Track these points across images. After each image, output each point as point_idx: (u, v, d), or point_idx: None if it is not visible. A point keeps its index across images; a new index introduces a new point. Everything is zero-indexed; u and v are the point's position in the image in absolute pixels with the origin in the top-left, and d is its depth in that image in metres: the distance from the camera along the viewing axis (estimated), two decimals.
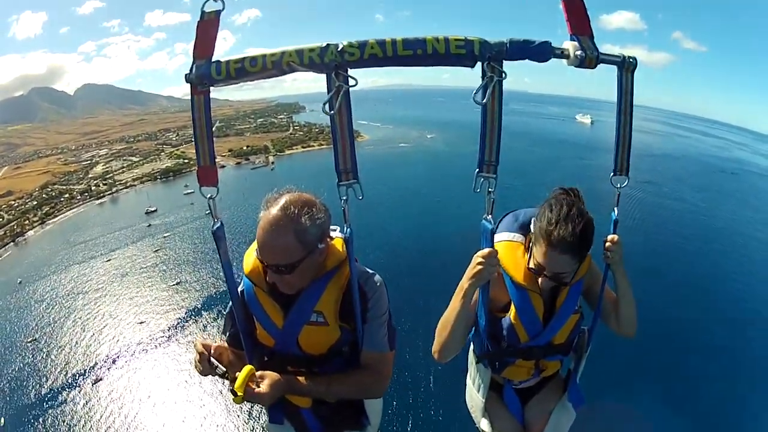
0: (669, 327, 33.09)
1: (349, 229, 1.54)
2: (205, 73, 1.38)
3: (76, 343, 38.90)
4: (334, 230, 1.74)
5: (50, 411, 30.73)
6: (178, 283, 46.94)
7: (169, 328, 39.76)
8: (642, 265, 37.64)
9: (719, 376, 29.24)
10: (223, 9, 1.39)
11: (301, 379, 1.62)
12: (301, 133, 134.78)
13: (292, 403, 1.85)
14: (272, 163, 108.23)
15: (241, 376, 1.43)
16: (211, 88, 1.45)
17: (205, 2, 1.37)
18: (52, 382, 33.76)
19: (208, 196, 1.52)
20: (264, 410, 1.97)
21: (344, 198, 1.45)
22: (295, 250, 1.44)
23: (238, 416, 27.36)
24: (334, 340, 1.65)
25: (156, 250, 57.57)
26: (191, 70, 1.41)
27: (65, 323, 42.31)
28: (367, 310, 1.65)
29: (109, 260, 56.45)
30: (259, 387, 1.48)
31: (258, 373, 1.50)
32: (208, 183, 1.53)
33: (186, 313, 41.43)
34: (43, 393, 32.61)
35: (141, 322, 41.27)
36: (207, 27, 1.41)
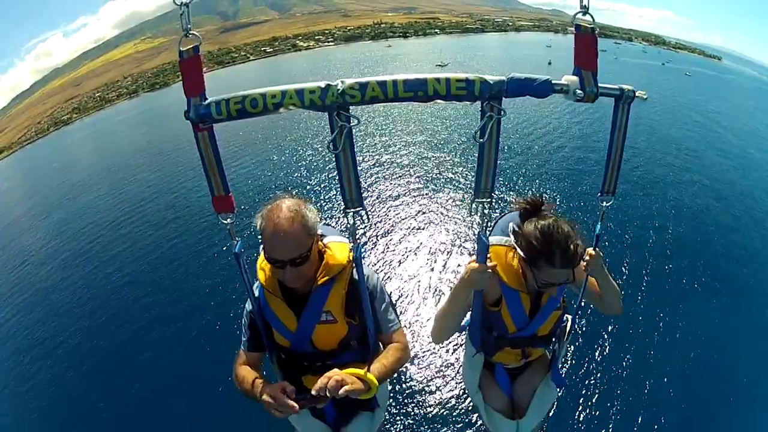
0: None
1: (357, 248, 1.56)
2: (206, 114, 1.25)
3: None
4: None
5: None
6: None
7: None
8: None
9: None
10: (201, 42, 1.25)
11: (377, 366, 1.59)
12: None
13: (307, 387, 1.83)
14: None
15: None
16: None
17: (180, 40, 1.21)
18: None
19: (227, 221, 1.50)
20: None
21: (351, 223, 1.46)
22: (306, 239, 1.49)
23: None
24: (343, 335, 1.71)
25: None
26: (188, 108, 1.27)
27: None
28: (376, 308, 1.73)
29: None
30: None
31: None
32: (225, 210, 1.49)
33: None
34: None
35: None
36: (190, 64, 1.26)
